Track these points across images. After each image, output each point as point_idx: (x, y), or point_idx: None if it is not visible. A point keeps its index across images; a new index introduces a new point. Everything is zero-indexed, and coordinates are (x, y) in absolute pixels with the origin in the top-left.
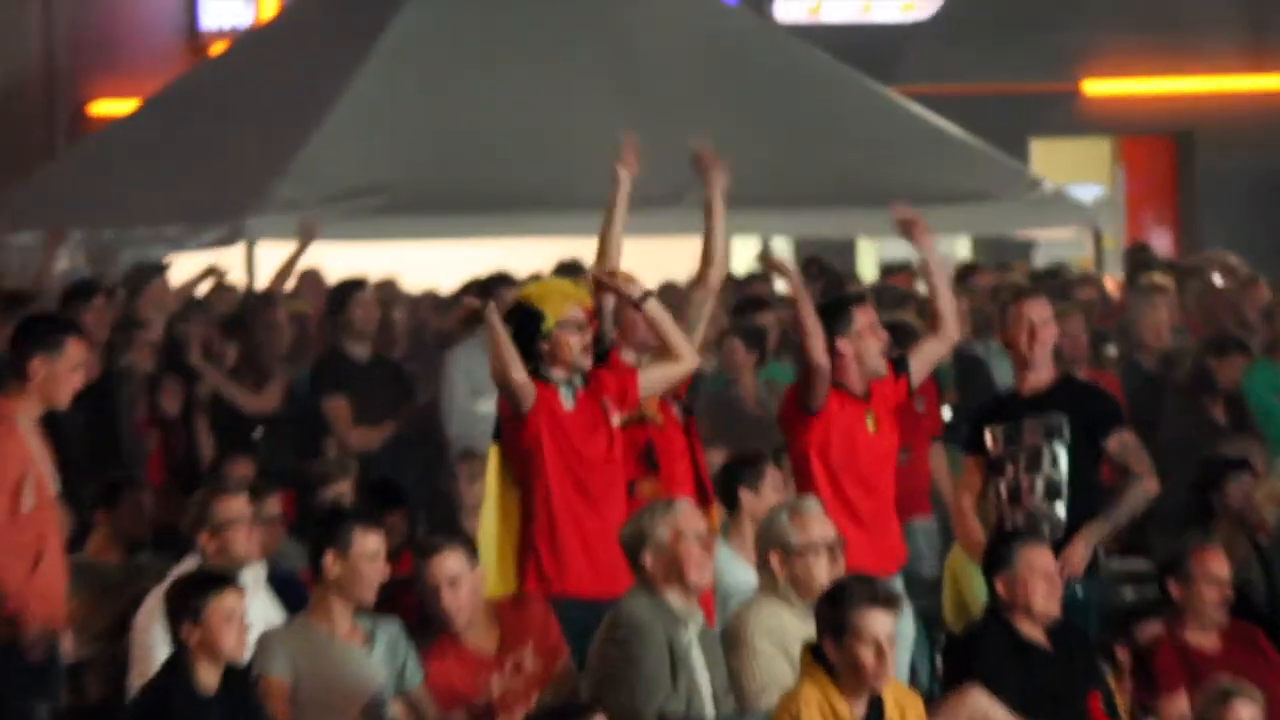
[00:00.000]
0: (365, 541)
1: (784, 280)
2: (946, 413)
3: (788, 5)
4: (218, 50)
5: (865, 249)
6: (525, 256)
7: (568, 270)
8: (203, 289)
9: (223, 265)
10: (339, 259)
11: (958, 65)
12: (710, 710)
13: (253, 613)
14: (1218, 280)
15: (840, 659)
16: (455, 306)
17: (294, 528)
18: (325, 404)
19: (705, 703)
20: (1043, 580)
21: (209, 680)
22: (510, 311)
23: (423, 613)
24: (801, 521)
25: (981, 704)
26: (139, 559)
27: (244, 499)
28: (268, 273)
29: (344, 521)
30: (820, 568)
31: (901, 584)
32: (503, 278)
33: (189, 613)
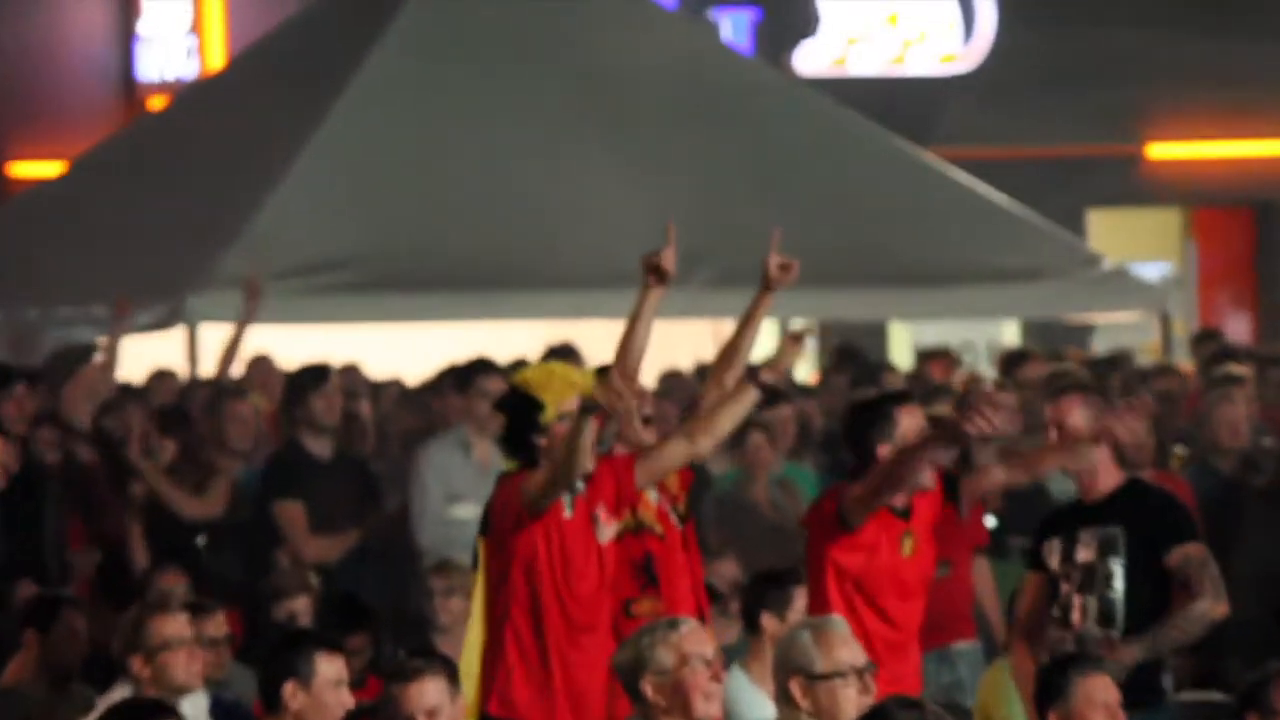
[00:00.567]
0: (329, 668)
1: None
2: (990, 520)
3: (809, 56)
4: (157, 105)
5: (898, 332)
6: (508, 340)
7: (561, 355)
8: (138, 376)
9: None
10: (292, 343)
11: (1004, 125)
12: None
13: None
14: None
15: None
16: (434, 396)
17: (241, 651)
18: (278, 508)
19: None
20: (1104, 715)
21: None
22: (504, 399)
23: None
24: (827, 643)
25: None
26: (69, 686)
27: (184, 618)
28: (211, 358)
29: (304, 646)
30: (848, 698)
31: None
32: (484, 364)
33: None
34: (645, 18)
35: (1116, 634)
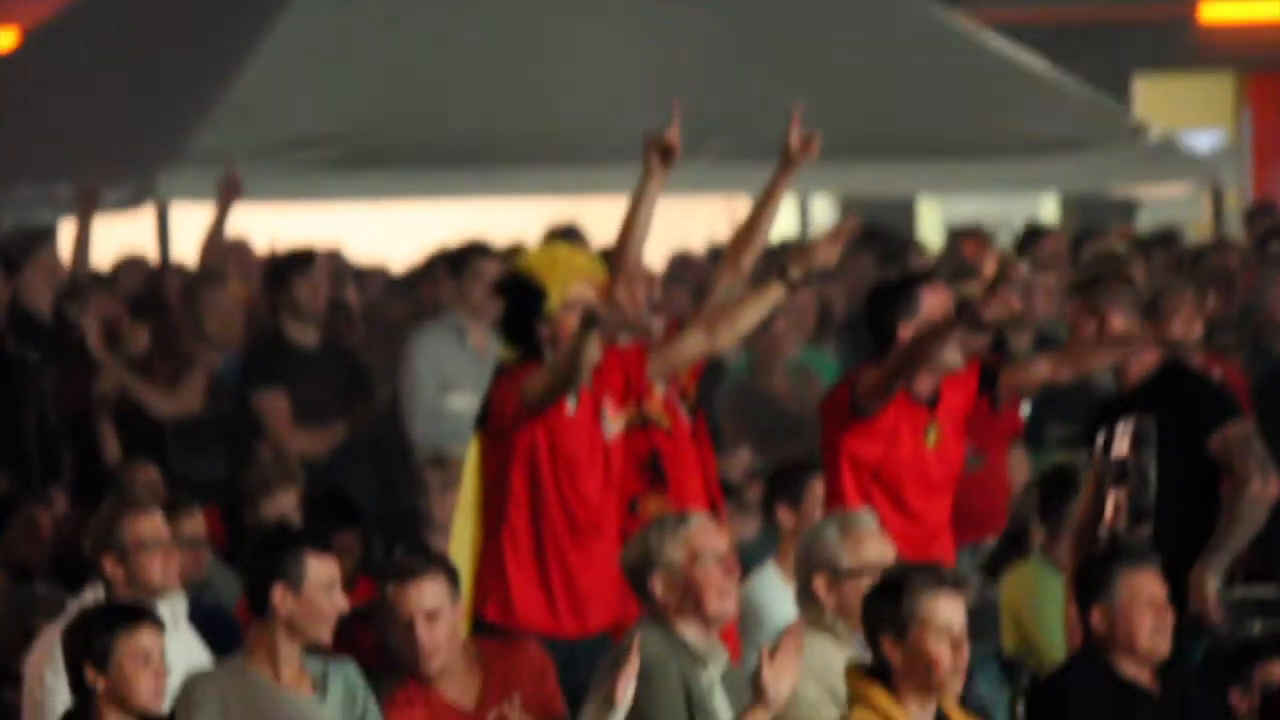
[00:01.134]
0: (320, 570)
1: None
2: (1024, 408)
3: None
4: None
5: (927, 209)
6: (504, 221)
7: (564, 237)
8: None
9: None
10: (271, 225)
11: None
12: None
13: (172, 654)
14: None
15: (904, 660)
16: (425, 283)
17: (222, 552)
18: (259, 399)
19: None
20: (1150, 611)
21: None
22: (504, 285)
23: (383, 652)
24: (854, 538)
25: None
26: (34, 587)
27: (159, 517)
28: (184, 241)
29: (294, 546)
30: None
31: None
32: (478, 246)
33: (93, 655)
34: None
35: (1148, 530)
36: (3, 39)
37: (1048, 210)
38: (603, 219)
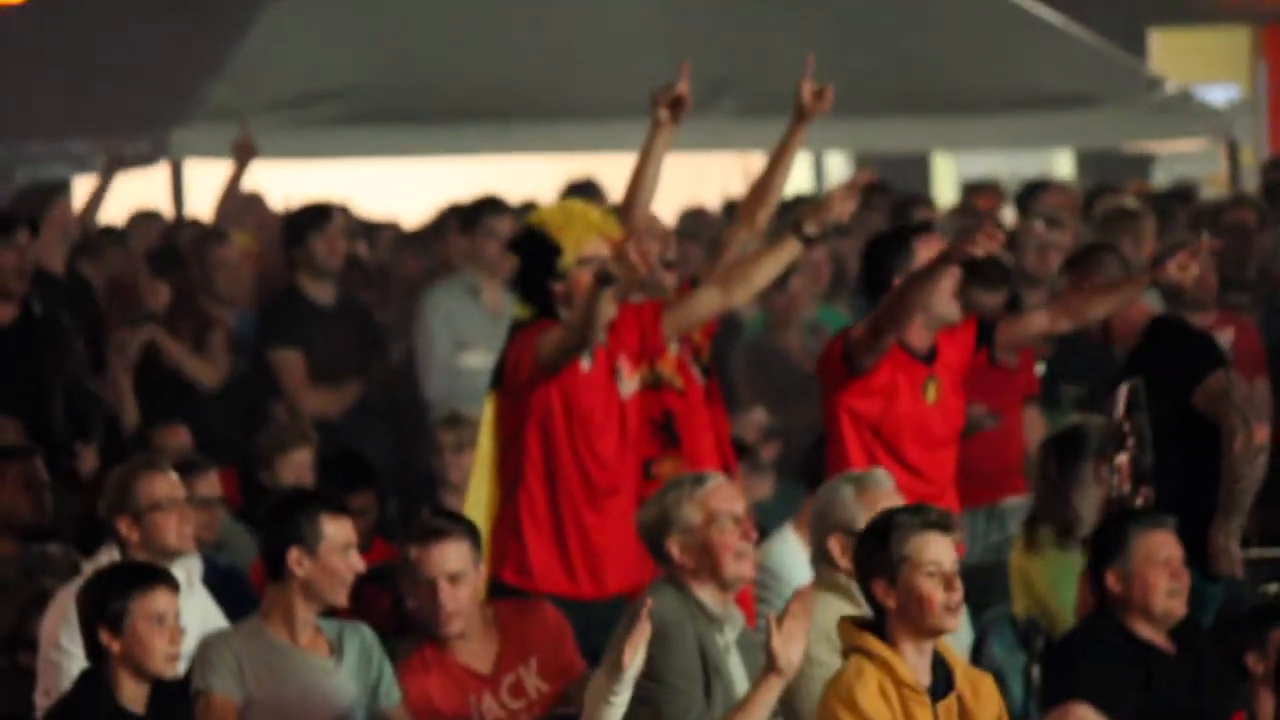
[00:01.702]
0: (336, 532)
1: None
2: (1039, 367)
3: None
4: None
5: (942, 165)
6: (519, 177)
7: (581, 193)
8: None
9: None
10: (284, 181)
11: None
12: None
13: (187, 616)
14: None
15: (897, 602)
16: (436, 239)
17: (237, 512)
18: (275, 357)
19: None
20: (1166, 572)
21: (135, 699)
22: (519, 240)
23: (398, 615)
24: (870, 499)
25: None
26: (47, 549)
27: (174, 477)
28: (198, 197)
29: (310, 508)
30: None
31: None
32: (492, 203)
33: (108, 617)
34: None
35: (1151, 492)
36: None
37: (1063, 165)
38: (620, 175)
